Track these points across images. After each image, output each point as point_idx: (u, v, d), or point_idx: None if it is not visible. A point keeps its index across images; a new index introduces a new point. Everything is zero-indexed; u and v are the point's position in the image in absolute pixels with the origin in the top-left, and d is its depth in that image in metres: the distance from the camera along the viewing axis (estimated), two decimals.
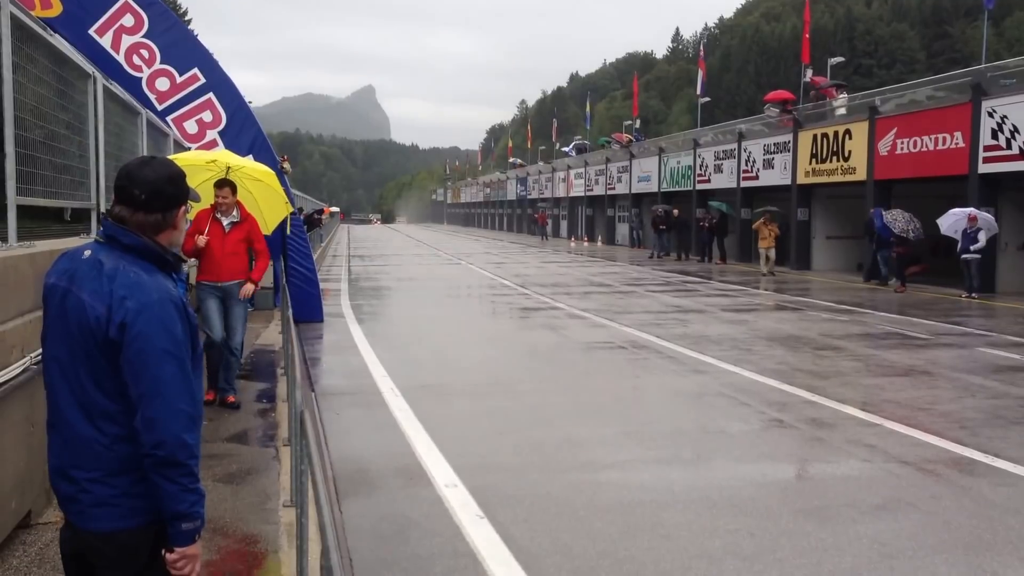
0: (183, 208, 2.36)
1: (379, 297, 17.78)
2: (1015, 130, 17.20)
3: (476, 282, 21.68)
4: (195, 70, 11.10)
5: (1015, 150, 17.25)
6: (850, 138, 22.61)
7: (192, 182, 7.26)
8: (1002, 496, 5.29)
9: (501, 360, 10.47)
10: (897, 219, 18.28)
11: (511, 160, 73.75)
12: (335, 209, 74.06)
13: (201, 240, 6.97)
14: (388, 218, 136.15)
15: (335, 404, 7.70)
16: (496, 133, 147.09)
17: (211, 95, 11.18)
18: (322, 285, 14.19)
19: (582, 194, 47.11)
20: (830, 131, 23.60)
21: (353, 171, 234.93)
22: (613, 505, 5.06)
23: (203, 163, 7.52)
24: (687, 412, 7.64)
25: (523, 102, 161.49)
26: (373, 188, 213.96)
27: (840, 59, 36.20)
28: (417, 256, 33.28)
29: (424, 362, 10.01)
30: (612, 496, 5.22)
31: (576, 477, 5.58)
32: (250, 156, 9.93)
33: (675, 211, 30.30)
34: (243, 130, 11.37)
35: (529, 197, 59.68)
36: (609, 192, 42.20)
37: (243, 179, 7.53)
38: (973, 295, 16.90)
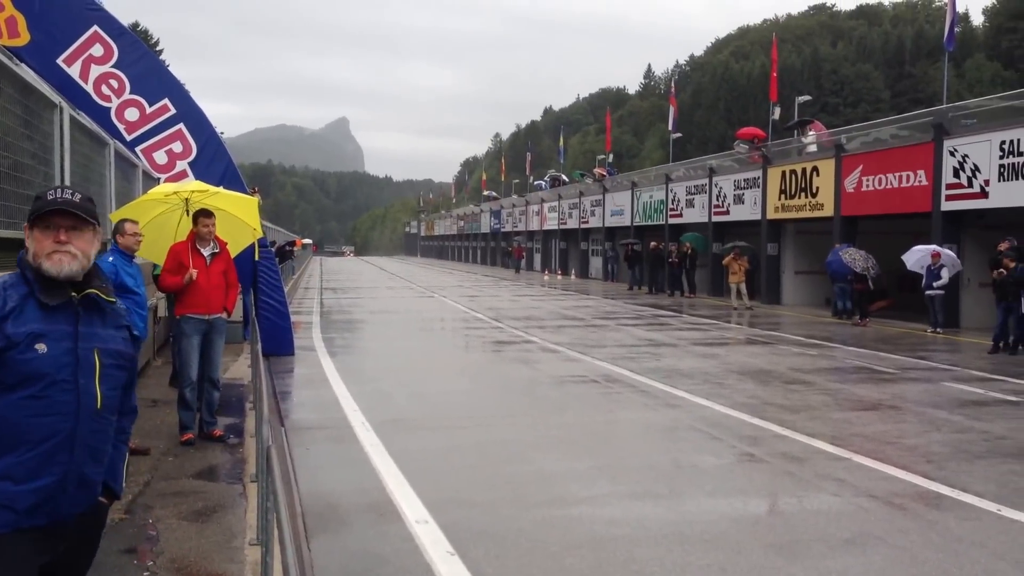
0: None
1: (351, 330, 17.65)
2: (976, 169, 17.63)
3: (449, 315, 21.63)
4: (165, 100, 11.06)
5: (976, 188, 17.68)
6: (817, 175, 23.03)
7: (146, 216, 7.28)
8: (968, 530, 5.34)
9: (474, 394, 10.42)
10: (856, 258, 18.71)
11: (485, 193, 74.08)
12: (307, 241, 73.76)
13: (194, 274, 6.89)
14: (361, 250, 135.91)
15: (305, 439, 7.59)
16: (470, 166, 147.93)
17: (181, 126, 11.13)
18: (293, 318, 14.07)
19: (556, 227, 47.37)
20: (798, 168, 24.02)
21: (326, 203, 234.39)
22: (585, 540, 5.02)
23: (162, 196, 7.46)
24: (660, 446, 7.64)
25: (497, 135, 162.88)
26: (346, 220, 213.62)
27: (807, 97, 37.04)
28: (390, 289, 33.16)
29: (396, 396, 9.93)
30: (584, 531, 5.18)
31: (548, 512, 5.54)
32: (221, 187, 9.88)
33: (652, 244, 30.48)
34: (214, 161, 11.32)
35: (503, 230, 59.87)
36: (583, 226, 42.48)
37: (208, 207, 7.47)
38: (938, 330, 17.18)
